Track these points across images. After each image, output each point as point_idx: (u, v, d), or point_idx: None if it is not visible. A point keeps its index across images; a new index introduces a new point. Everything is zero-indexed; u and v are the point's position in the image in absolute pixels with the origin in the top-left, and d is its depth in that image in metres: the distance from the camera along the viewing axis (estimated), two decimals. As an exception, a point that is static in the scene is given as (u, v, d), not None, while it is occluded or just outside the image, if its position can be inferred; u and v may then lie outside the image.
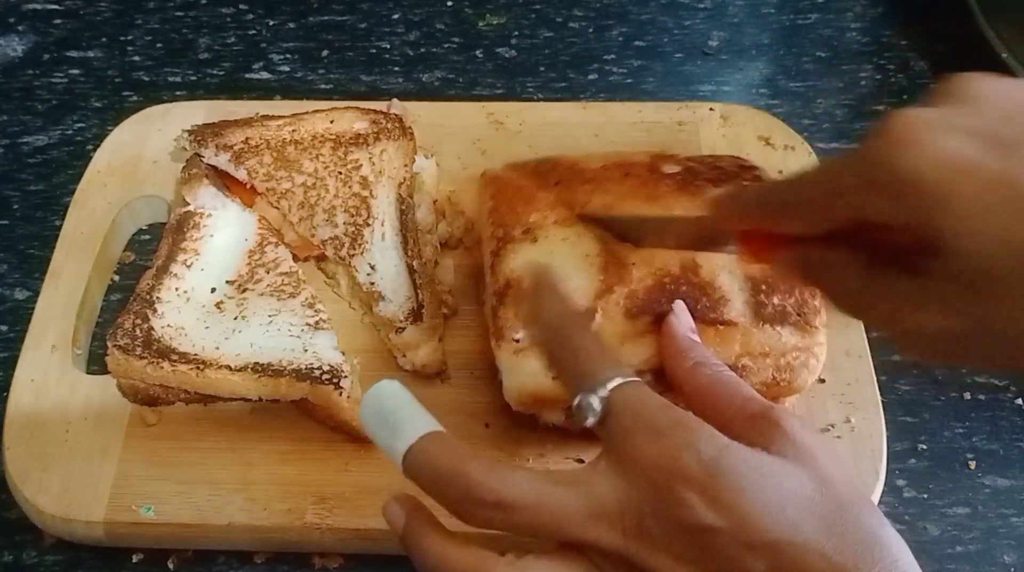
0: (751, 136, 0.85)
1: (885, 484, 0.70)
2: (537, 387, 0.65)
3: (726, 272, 0.67)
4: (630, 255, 0.67)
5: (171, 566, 0.69)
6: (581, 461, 0.69)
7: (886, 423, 0.72)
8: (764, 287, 0.66)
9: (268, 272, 0.75)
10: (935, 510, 0.70)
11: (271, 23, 1.03)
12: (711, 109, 0.87)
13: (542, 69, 0.98)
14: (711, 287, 0.66)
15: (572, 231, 0.69)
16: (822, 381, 0.71)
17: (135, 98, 0.96)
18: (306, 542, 0.67)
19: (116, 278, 0.82)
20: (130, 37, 1.02)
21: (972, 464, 0.72)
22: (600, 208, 0.70)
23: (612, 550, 0.48)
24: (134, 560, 0.69)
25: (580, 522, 0.49)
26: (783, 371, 0.65)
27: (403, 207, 0.77)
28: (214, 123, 0.83)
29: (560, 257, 0.68)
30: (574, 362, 0.52)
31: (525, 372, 0.65)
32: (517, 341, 0.66)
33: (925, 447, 0.73)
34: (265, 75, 0.98)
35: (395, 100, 0.87)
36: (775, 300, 0.66)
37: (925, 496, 0.71)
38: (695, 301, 0.65)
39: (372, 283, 0.74)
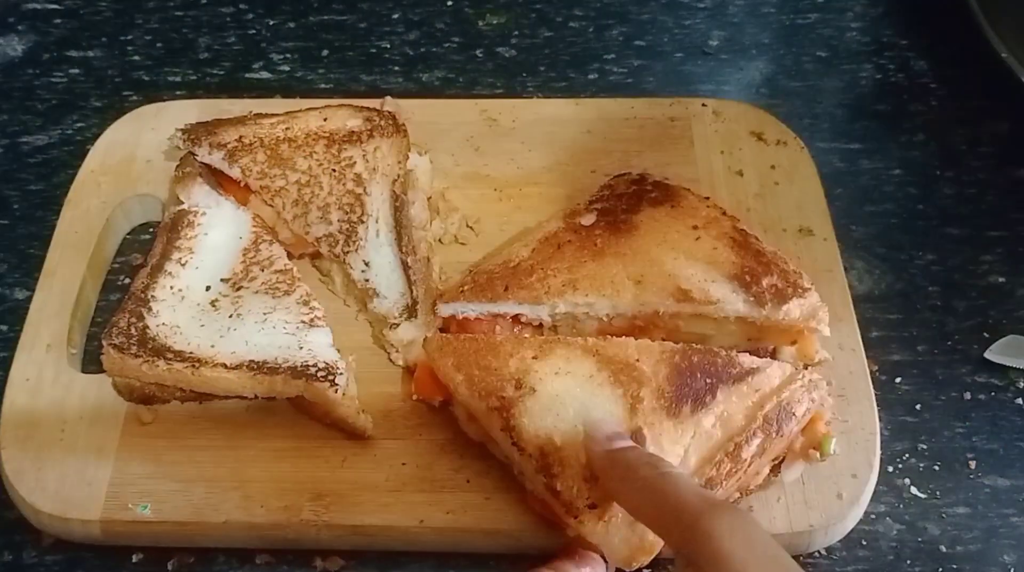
0: (743, 131, 0.85)
1: (885, 484, 0.70)
2: (644, 540, 0.60)
3: (711, 282, 0.69)
4: (627, 353, 0.66)
5: (171, 567, 0.69)
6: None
7: (886, 422, 0.72)
8: (748, 278, 0.68)
9: (263, 270, 0.75)
10: (935, 510, 0.70)
11: (271, 23, 1.03)
12: (703, 105, 0.87)
13: (542, 69, 0.98)
14: (709, 302, 0.67)
15: (559, 358, 0.66)
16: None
17: (135, 98, 0.96)
18: (303, 539, 0.67)
19: (110, 277, 0.82)
20: (130, 37, 1.02)
21: (972, 464, 0.72)
22: (563, 288, 0.69)
23: None
24: (134, 560, 0.69)
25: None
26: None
27: (397, 204, 0.77)
28: (207, 122, 0.83)
29: (570, 396, 0.64)
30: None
31: (625, 530, 0.60)
32: (594, 506, 0.60)
33: (925, 447, 0.73)
34: (265, 75, 0.98)
35: (388, 98, 0.87)
36: (764, 283, 0.68)
37: (925, 496, 0.71)
38: (713, 365, 0.65)
39: (366, 280, 0.74)
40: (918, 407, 0.75)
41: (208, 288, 0.74)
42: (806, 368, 0.67)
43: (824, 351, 0.69)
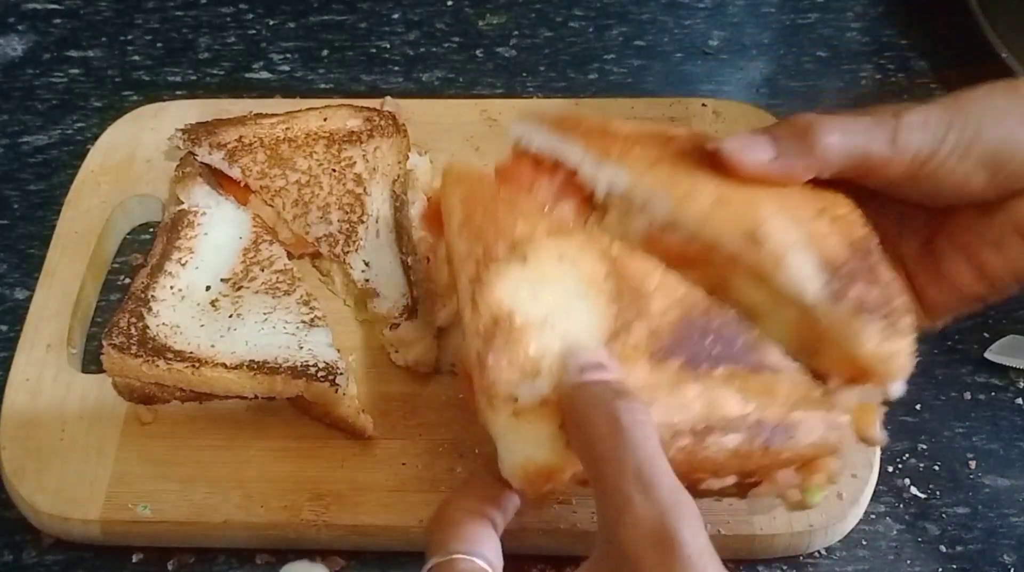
0: (744, 131, 0.84)
1: (885, 484, 0.70)
2: (549, 460, 0.49)
3: (797, 250, 0.52)
4: (646, 278, 0.52)
5: (171, 567, 0.69)
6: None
7: (886, 423, 0.71)
8: (842, 272, 0.52)
9: (263, 270, 0.75)
10: (935, 510, 0.70)
11: (271, 23, 1.03)
12: (703, 105, 0.87)
13: (542, 69, 0.98)
14: (775, 259, 0.51)
15: (572, 245, 0.52)
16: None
17: (135, 98, 0.96)
18: (303, 539, 0.67)
19: (111, 277, 0.82)
20: (130, 37, 1.02)
21: (972, 464, 0.72)
22: (637, 162, 0.55)
23: None
24: (134, 560, 0.69)
25: None
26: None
27: (397, 204, 0.77)
28: (207, 122, 0.83)
29: (558, 283, 0.51)
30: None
31: (533, 440, 0.49)
32: (517, 400, 0.48)
33: (925, 447, 0.73)
34: (265, 75, 0.98)
35: (388, 98, 0.87)
36: (855, 289, 0.51)
37: (925, 496, 0.71)
38: (730, 338, 0.51)
39: (366, 280, 0.74)
40: (918, 407, 0.75)
41: (208, 288, 0.74)
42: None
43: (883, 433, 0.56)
